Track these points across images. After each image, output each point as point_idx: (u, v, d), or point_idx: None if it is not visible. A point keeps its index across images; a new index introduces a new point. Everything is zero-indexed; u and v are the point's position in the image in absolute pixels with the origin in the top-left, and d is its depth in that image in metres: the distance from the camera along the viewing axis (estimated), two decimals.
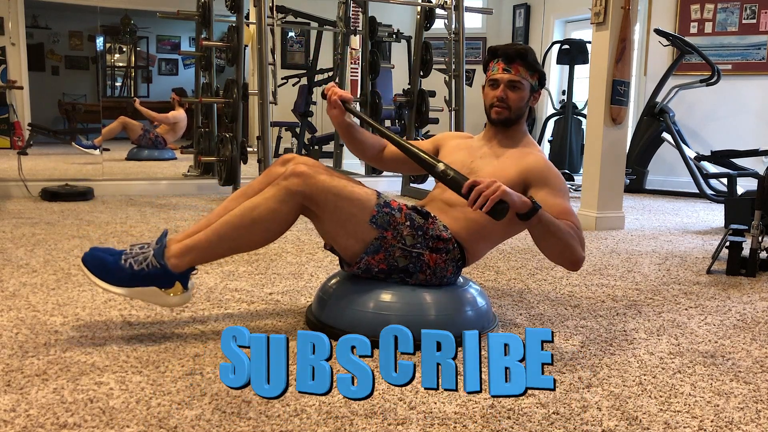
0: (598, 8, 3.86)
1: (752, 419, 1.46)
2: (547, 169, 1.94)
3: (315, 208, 1.81)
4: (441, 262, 1.88)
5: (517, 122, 2.02)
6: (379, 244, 1.83)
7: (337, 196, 1.79)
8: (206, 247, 1.80)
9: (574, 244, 1.81)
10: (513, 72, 1.96)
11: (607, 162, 3.93)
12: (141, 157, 6.94)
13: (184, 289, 1.82)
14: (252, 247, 1.90)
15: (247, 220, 1.78)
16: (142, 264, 1.76)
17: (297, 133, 8.16)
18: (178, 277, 1.80)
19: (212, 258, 1.87)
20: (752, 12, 5.93)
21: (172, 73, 8.10)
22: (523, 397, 1.51)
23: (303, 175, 1.77)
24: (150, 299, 1.79)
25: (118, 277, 1.75)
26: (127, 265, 1.75)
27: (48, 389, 1.48)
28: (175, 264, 1.78)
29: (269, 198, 1.78)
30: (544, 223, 1.75)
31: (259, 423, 1.35)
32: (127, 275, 1.75)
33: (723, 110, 6.12)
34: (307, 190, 1.77)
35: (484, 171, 1.96)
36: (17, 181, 4.57)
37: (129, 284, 1.75)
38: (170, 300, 1.80)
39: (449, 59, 5.35)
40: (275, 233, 1.84)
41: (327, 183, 1.79)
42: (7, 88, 6.07)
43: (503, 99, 1.97)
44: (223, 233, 1.79)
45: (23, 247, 2.95)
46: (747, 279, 2.81)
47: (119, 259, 1.76)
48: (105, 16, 7.03)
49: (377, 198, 1.86)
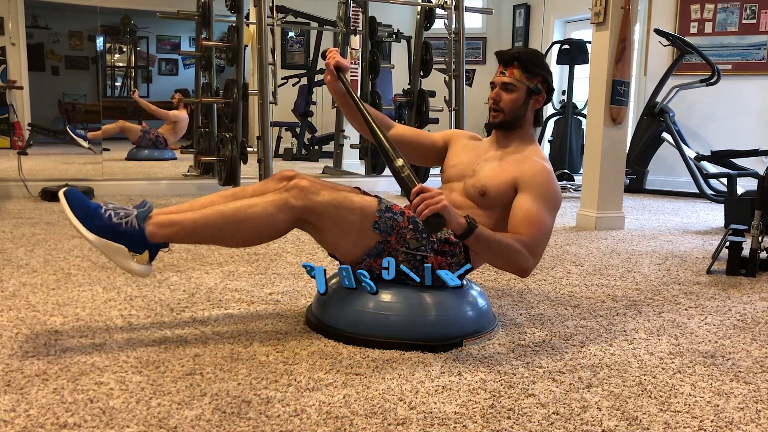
0: (598, 8, 3.87)
1: (752, 419, 1.46)
2: (542, 175, 1.92)
3: (315, 221, 1.81)
4: (445, 265, 1.89)
5: (518, 126, 2.01)
6: (381, 248, 1.84)
7: (339, 208, 1.80)
8: (190, 227, 1.77)
9: (517, 258, 1.82)
10: (508, 74, 1.98)
11: (607, 162, 3.93)
12: (141, 157, 6.94)
13: (148, 263, 1.78)
14: (234, 244, 1.87)
15: (240, 214, 1.78)
16: (121, 219, 1.73)
17: (297, 133, 8.16)
18: (150, 246, 1.76)
19: (191, 240, 1.83)
20: (752, 12, 5.93)
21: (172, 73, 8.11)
22: (523, 397, 1.52)
23: (305, 189, 1.78)
24: (114, 256, 1.74)
25: (95, 223, 1.71)
26: (106, 215, 1.73)
27: (48, 389, 1.48)
28: (153, 232, 1.75)
29: (268, 202, 1.79)
30: (482, 242, 1.76)
31: (259, 423, 1.35)
32: (104, 224, 1.71)
33: (723, 110, 6.12)
34: (308, 204, 1.78)
35: (482, 172, 1.97)
36: (17, 181, 4.57)
37: (101, 233, 1.71)
38: (132, 265, 1.76)
39: (449, 59, 5.35)
40: (263, 237, 1.83)
41: (327, 197, 1.79)
42: (7, 88, 6.07)
43: (497, 101, 1.99)
44: (211, 220, 1.77)
45: (23, 247, 2.95)
46: (747, 279, 2.81)
47: (100, 207, 1.74)
48: (105, 16, 7.04)
49: (378, 204, 1.86)
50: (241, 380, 1.56)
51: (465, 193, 1.99)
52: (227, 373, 1.60)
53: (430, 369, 1.67)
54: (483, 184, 1.95)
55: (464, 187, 2.00)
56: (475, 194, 1.96)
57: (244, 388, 1.52)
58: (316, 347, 1.80)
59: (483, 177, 1.96)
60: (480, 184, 1.95)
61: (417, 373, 1.64)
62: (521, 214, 1.86)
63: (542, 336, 1.97)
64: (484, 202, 1.95)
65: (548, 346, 1.88)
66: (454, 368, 1.68)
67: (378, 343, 1.80)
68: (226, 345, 1.80)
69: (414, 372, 1.65)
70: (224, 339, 1.85)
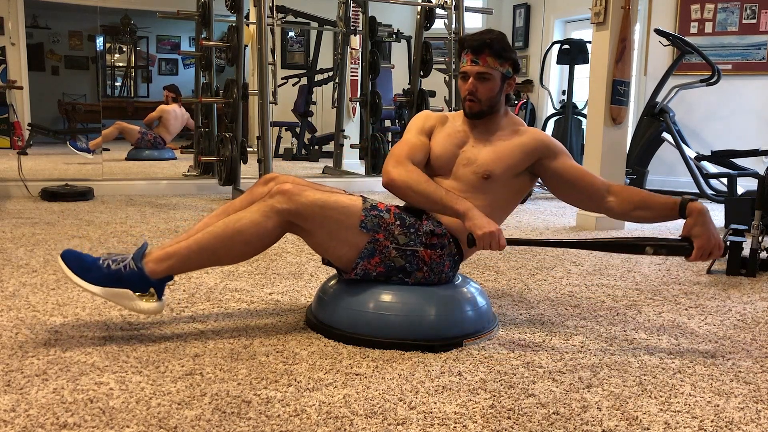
0: (598, 8, 3.86)
1: (752, 419, 1.46)
2: (548, 139, 2.03)
3: (303, 223, 1.81)
4: (436, 257, 1.89)
5: (494, 112, 2.00)
6: (372, 247, 1.84)
7: (323, 208, 1.80)
8: (186, 255, 1.79)
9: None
10: (481, 63, 1.93)
11: (607, 162, 3.93)
12: (141, 157, 6.94)
13: (158, 299, 1.81)
14: (231, 261, 1.89)
15: (230, 231, 1.78)
16: (119, 264, 1.76)
17: (297, 133, 8.16)
18: (154, 283, 1.78)
19: (191, 268, 1.86)
20: (752, 12, 5.93)
21: (172, 73, 8.11)
22: (523, 397, 1.52)
23: (288, 192, 1.78)
24: (122, 302, 1.77)
25: (95, 275, 1.74)
26: (104, 265, 1.76)
27: (48, 389, 1.48)
28: (153, 269, 1.77)
29: (254, 212, 1.79)
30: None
31: (259, 423, 1.35)
32: (104, 274, 1.75)
33: (723, 110, 6.12)
34: (292, 207, 1.78)
35: (481, 158, 1.96)
36: (17, 181, 4.57)
37: (104, 283, 1.74)
38: (142, 305, 1.78)
39: (449, 59, 5.35)
40: (256, 248, 1.83)
41: (311, 198, 1.79)
42: (7, 88, 6.07)
43: (473, 92, 1.96)
44: (204, 243, 1.79)
45: (23, 247, 2.95)
46: (747, 279, 2.81)
47: (98, 260, 1.77)
48: (105, 16, 7.03)
49: (363, 203, 1.87)
50: (241, 380, 1.56)
51: (457, 180, 1.98)
52: (227, 373, 1.60)
53: (430, 369, 1.67)
54: (486, 168, 1.94)
55: (460, 176, 1.98)
56: (477, 180, 1.95)
57: (244, 388, 1.52)
58: (316, 347, 1.80)
59: (484, 162, 1.95)
60: (482, 169, 1.94)
61: (417, 373, 1.64)
62: (581, 173, 2.01)
63: (542, 336, 1.97)
64: (485, 186, 1.95)
65: (548, 346, 1.88)
66: (454, 368, 1.68)
67: (378, 343, 1.80)
68: (226, 345, 1.80)
69: (414, 372, 1.65)
70: (224, 339, 1.85)
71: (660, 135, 5.94)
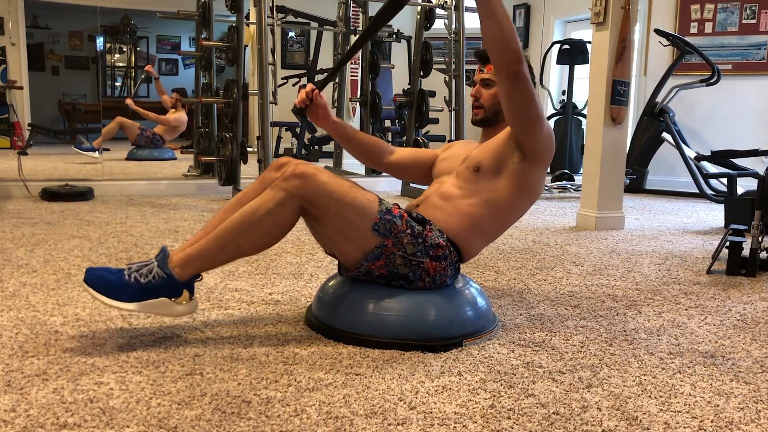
0: (598, 8, 3.86)
1: (752, 419, 1.46)
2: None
3: (315, 212, 1.79)
4: (441, 269, 1.89)
5: (500, 120, 2.03)
6: (380, 251, 1.83)
7: (339, 203, 1.77)
8: (208, 255, 1.79)
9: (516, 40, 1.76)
10: (486, 71, 2.03)
11: (607, 162, 3.93)
12: (141, 157, 6.94)
13: (191, 297, 1.81)
14: (254, 251, 1.87)
15: (247, 225, 1.77)
16: (148, 276, 1.74)
17: (297, 133, 8.16)
18: (185, 285, 1.78)
19: (215, 265, 1.85)
20: (752, 12, 5.93)
21: (172, 73, 8.10)
22: (523, 397, 1.52)
23: (303, 176, 1.75)
24: (161, 311, 1.76)
25: (127, 293, 1.72)
26: (132, 280, 1.73)
27: (48, 389, 1.48)
28: (180, 273, 1.77)
29: (268, 201, 1.77)
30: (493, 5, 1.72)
31: (259, 423, 1.35)
32: (134, 290, 1.72)
33: (723, 110, 6.12)
34: (308, 193, 1.75)
35: (473, 154, 2.03)
36: (17, 181, 4.57)
37: (139, 298, 1.73)
38: (180, 309, 1.79)
39: (449, 59, 5.35)
40: (276, 236, 1.82)
41: (328, 187, 1.77)
42: (7, 88, 6.06)
43: (477, 98, 2.05)
44: (223, 240, 1.78)
45: (23, 247, 2.95)
46: (747, 279, 2.81)
47: (123, 276, 1.74)
48: (105, 16, 7.02)
49: (379, 205, 1.84)
50: (241, 380, 1.56)
51: (457, 177, 2.01)
52: (227, 373, 1.60)
53: (430, 369, 1.67)
54: (476, 160, 1.98)
55: (456, 174, 2.03)
56: (469, 173, 1.98)
57: (244, 388, 1.52)
58: (316, 347, 1.80)
59: (474, 156, 2.01)
60: (473, 162, 1.99)
61: (417, 373, 1.64)
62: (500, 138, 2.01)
63: (542, 336, 1.97)
64: (477, 179, 1.96)
65: (548, 346, 1.88)
66: (454, 368, 1.68)
67: (378, 343, 1.80)
68: (226, 345, 1.80)
69: (414, 372, 1.65)
70: (224, 339, 1.85)
71: (660, 135, 5.94)
